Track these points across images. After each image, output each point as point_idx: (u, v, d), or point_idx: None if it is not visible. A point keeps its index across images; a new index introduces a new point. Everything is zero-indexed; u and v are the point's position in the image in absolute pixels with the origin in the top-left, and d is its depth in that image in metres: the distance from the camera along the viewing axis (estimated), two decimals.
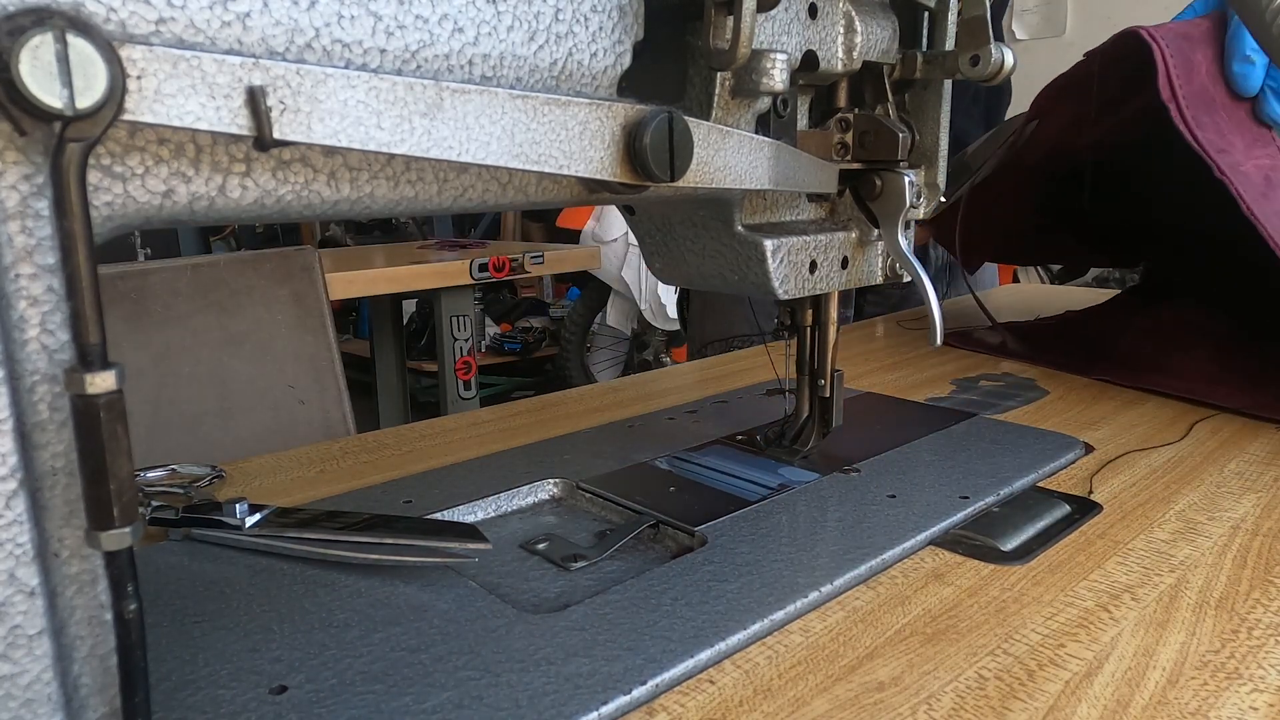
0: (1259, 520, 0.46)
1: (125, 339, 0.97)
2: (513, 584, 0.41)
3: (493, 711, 0.30)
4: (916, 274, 0.49)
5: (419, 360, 3.27)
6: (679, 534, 0.46)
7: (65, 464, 0.24)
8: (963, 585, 0.40)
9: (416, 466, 0.57)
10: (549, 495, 0.52)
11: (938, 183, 0.51)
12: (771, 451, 0.57)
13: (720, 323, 1.24)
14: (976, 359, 0.85)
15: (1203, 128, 0.63)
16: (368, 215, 0.31)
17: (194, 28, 0.24)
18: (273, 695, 0.32)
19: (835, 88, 0.49)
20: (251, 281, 1.07)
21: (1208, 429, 0.62)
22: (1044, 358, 0.81)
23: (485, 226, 4.33)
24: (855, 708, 0.31)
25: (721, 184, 0.38)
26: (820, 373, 0.55)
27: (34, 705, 0.24)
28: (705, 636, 0.35)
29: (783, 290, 0.45)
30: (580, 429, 0.64)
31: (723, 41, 0.36)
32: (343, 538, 0.42)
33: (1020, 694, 0.32)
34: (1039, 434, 0.60)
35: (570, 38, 0.33)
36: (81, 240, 0.22)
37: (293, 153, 0.27)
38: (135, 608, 0.24)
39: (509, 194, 0.34)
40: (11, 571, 0.23)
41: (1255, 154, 0.65)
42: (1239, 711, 0.31)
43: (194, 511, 0.45)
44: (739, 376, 0.81)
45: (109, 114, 0.22)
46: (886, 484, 0.51)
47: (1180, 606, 0.38)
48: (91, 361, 0.22)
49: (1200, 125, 0.63)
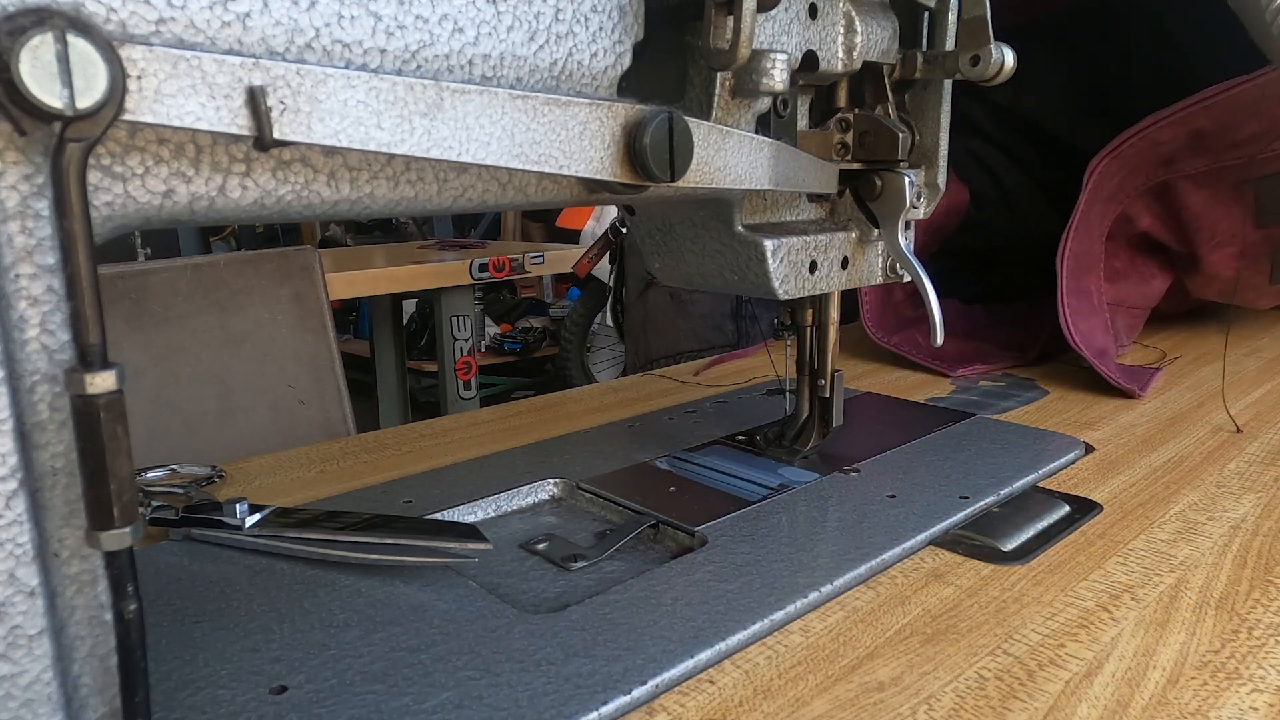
0: (1259, 520, 0.46)
1: (125, 339, 0.97)
2: (513, 584, 0.41)
3: (493, 711, 0.30)
4: (916, 274, 0.49)
5: (419, 360, 3.26)
6: (679, 534, 0.46)
7: (65, 464, 0.24)
8: (963, 585, 0.40)
9: (416, 466, 0.57)
10: (549, 495, 0.52)
11: (938, 183, 0.51)
12: (771, 451, 0.57)
13: (665, 338, 1.19)
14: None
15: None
16: (368, 215, 0.31)
17: (194, 28, 0.24)
18: (273, 695, 0.32)
19: (835, 88, 0.49)
20: (251, 281, 1.07)
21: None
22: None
23: (485, 226, 4.33)
24: (855, 708, 0.31)
25: (721, 184, 0.38)
26: (820, 373, 0.55)
27: (34, 705, 0.24)
28: (705, 636, 0.35)
29: (783, 290, 0.45)
30: (580, 429, 0.64)
31: (723, 41, 0.36)
32: (343, 538, 0.42)
33: (1020, 694, 0.32)
34: (1039, 434, 0.60)
35: (570, 38, 0.33)
36: (81, 240, 0.22)
37: (293, 153, 0.27)
38: (135, 608, 0.24)
39: (509, 194, 0.34)
40: (11, 571, 0.23)
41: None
42: (1239, 711, 0.31)
43: (194, 511, 0.45)
44: (739, 376, 0.81)
45: (109, 114, 0.22)
46: (886, 484, 0.51)
47: (1180, 607, 0.38)
48: (91, 361, 0.22)
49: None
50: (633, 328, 1.27)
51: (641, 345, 1.24)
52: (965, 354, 0.83)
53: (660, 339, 1.21)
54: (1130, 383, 0.71)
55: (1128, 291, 0.86)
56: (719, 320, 1.19)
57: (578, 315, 3.33)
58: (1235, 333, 0.94)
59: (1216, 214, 0.80)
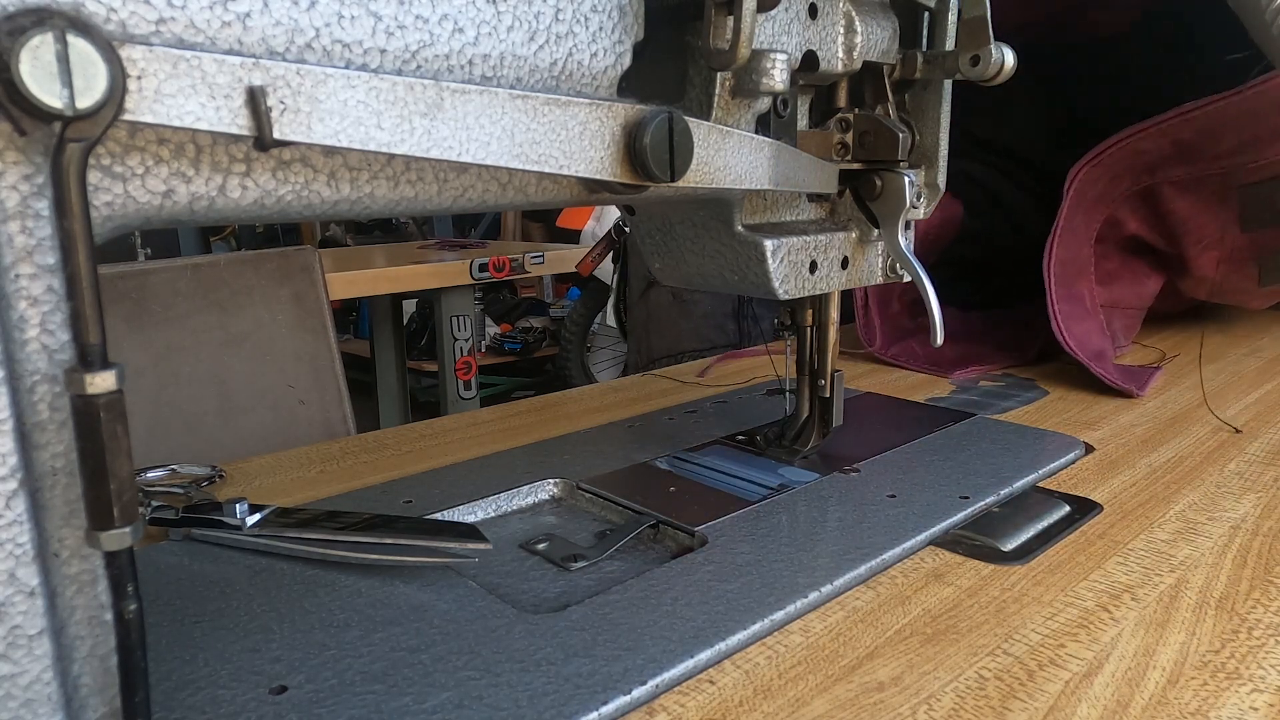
0: (1259, 520, 0.46)
1: (125, 339, 0.97)
2: (513, 584, 0.41)
3: (493, 711, 0.30)
4: (916, 274, 0.49)
5: (419, 360, 3.27)
6: (679, 534, 0.46)
7: (65, 464, 0.24)
8: (963, 585, 0.40)
9: (416, 466, 0.57)
10: (549, 495, 0.52)
11: (938, 183, 0.51)
12: (771, 451, 0.57)
13: (667, 338, 1.20)
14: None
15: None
16: (368, 215, 0.31)
17: (194, 28, 0.24)
18: (273, 695, 0.32)
19: (835, 88, 0.49)
20: (251, 281, 1.07)
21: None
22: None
23: (485, 226, 4.33)
24: (855, 708, 0.31)
25: (721, 184, 0.38)
26: (820, 373, 0.55)
27: (34, 705, 0.24)
28: (705, 636, 0.35)
29: (783, 290, 0.45)
30: (580, 429, 0.64)
31: (723, 41, 0.36)
32: (343, 538, 0.42)
33: (1020, 694, 0.32)
34: (1039, 434, 0.60)
35: (570, 38, 0.33)
36: (81, 240, 0.22)
37: (293, 153, 0.27)
38: (135, 608, 0.24)
39: (509, 194, 0.34)
40: (11, 571, 0.23)
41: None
42: (1239, 711, 0.31)
43: (194, 511, 0.45)
44: (739, 376, 0.81)
45: (109, 114, 0.22)
46: (886, 484, 0.51)
47: (1180, 607, 0.38)
48: (91, 361, 0.22)
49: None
50: (635, 327, 1.27)
51: (644, 345, 1.23)
52: (964, 357, 0.83)
53: (662, 339, 1.21)
54: (1128, 382, 0.71)
55: (1122, 292, 0.86)
56: (721, 320, 1.19)
57: (578, 315, 3.33)
58: (1235, 333, 0.94)
59: (1202, 218, 0.81)
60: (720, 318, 1.18)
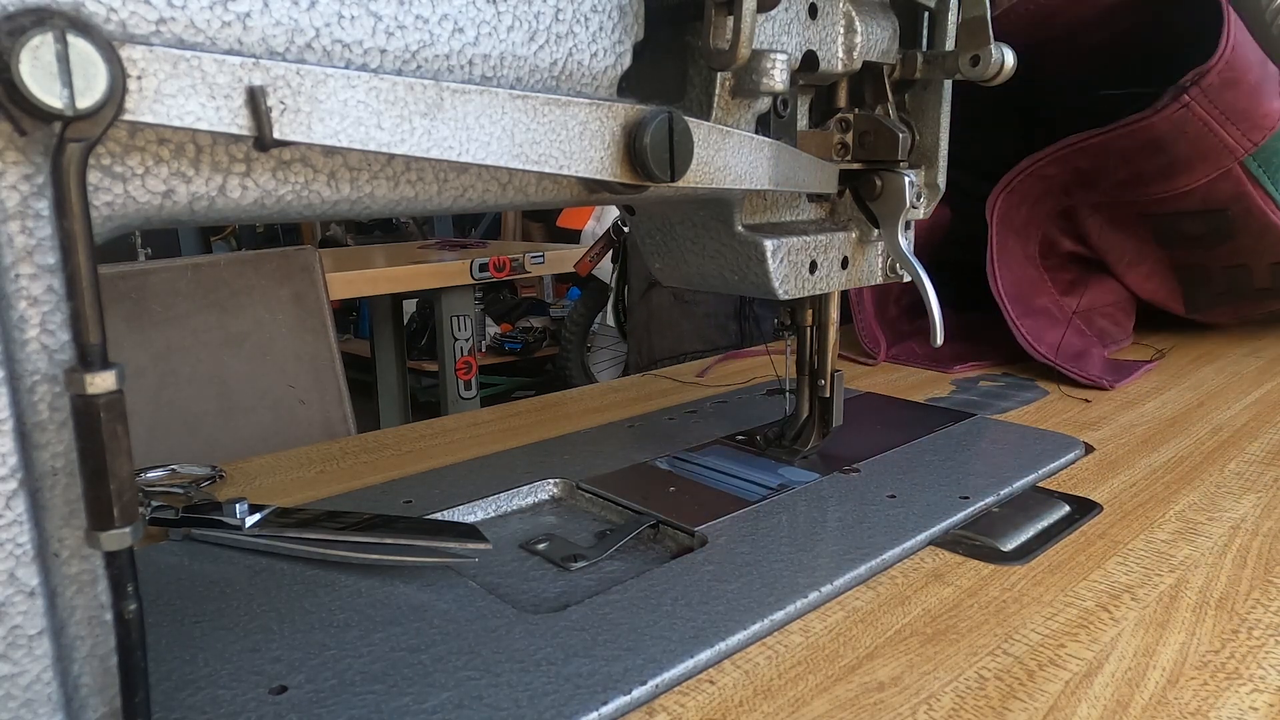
0: (1259, 520, 0.46)
1: (125, 339, 0.97)
2: (513, 584, 0.41)
3: (493, 711, 0.30)
4: (916, 274, 0.49)
5: (419, 360, 3.27)
6: (679, 534, 0.46)
7: (65, 464, 0.24)
8: (963, 585, 0.40)
9: (416, 466, 0.57)
10: (549, 495, 0.52)
11: (938, 183, 0.51)
12: (771, 451, 0.57)
13: (668, 338, 1.19)
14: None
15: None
16: (368, 215, 0.31)
17: (194, 28, 0.24)
18: (273, 695, 0.32)
19: (835, 88, 0.49)
20: (251, 281, 1.07)
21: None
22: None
23: (485, 226, 4.33)
24: (855, 708, 0.31)
25: (721, 184, 0.38)
26: (820, 373, 0.55)
27: (34, 705, 0.24)
28: (705, 636, 0.35)
29: (783, 290, 0.45)
30: (580, 429, 0.64)
31: (723, 42, 0.36)
32: (343, 538, 0.42)
33: (1020, 694, 0.32)
34: (1039, 434, 0.60)
35: (570, 38, 0.33)
36: (81, 240, 0.22)
37: (293, 153, 0.27)
38: (135, 608, 0.24)
39: (509, 194, 0.34)
40: (11, 571, 0.23)
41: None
42: (1239, 711, 0.31)
43: (194, 511, 0.45)
44: (739, 376, 0.81)
45: (109, 114, 0.22)
46: (886, 484, 0.51)
47: (1180, 607, 0.38)
48: (91, 361, 0.22)
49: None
50: (636, 328, 1.27)
51: (645, 345, 1.23)
52: (963, 355, 0.84)
53: (664, 339, 1.20)
54: (1105, 375, 0.72)
55: (1093, 298, 0.87)
56: (722, 320, 1.18)
57: (578, 315, 3.33)
58: (1235, 333, 0.94)
59: (1118, 235, 0.83)
60: (722, 318, 1.18)
